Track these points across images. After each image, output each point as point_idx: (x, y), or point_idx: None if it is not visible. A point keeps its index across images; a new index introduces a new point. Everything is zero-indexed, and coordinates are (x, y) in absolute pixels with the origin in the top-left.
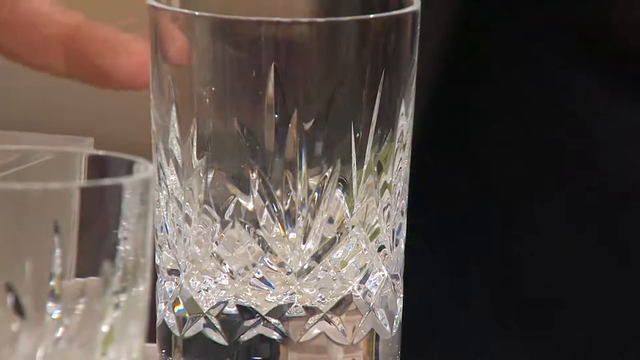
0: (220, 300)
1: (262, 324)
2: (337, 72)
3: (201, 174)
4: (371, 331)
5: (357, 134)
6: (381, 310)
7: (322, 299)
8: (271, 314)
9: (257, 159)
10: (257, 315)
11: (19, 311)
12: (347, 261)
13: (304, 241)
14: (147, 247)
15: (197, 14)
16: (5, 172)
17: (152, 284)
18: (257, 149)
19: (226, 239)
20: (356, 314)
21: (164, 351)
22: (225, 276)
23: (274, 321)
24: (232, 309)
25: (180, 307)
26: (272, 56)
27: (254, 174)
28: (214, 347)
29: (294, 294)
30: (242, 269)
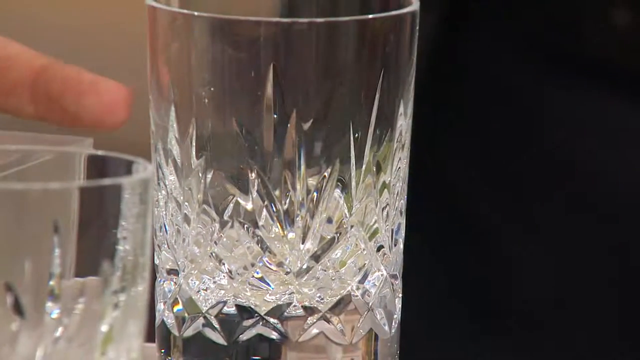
0: (219, 300)
1: (261, 323)
2: (336, 72)
3: (200, 174)
4: (370, 331)
5: (356, 134)
6: (380, 310)
7: (321, 299)
8: (270, 313)
9: (256, 159)
10: (256, 315)
11: (19, 311)
12: (346, 261)
13: (303, 241)
14: (146, 247)
15: (196, 14)
16: (4, 172)
17: (151, 283)
18: (256, 149)
19: (225, 238)
20: (355, 313)
21: (163, 351)
22: (224, 276)
23: (273, 321)
24: (231, 309)
25: (179, 306)
26: (271, 56)
27: (253, 174)
28: (213, 346)
29: (292, 294)
30: (241, 269)
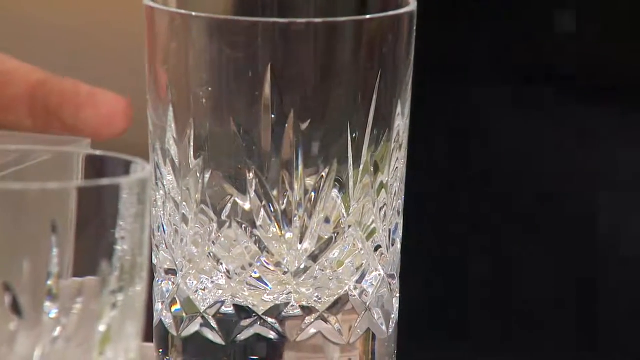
0: (217, 299)
1: (258, 323)
2: (334, 72)
3: (198, 174)
4: (367, 331)
5: (353, 134)
6: (377, 309)
7: (318, 299)
8: (268, 313)
9: (254, 159)
10: (254, 314)
11: (17, 311)
12: (343, 261)
13: (301, 241)
14: (144, 247)
15: (194, 14)
16: (3, 172)
17: (149, 283)
18: (253, 149)
19: (223, 238)
20: (352, 313)
21: (161, 351)
22: (222, 276)
23: (271, 321)
24: (229, 309)
25: (177, 306)
26: (269, 56)
27: (251, 174)
28: (211, 346)
29: (290, 294)
30: (239, 269)
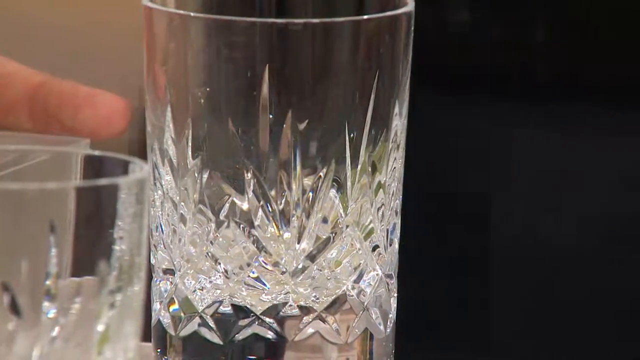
0: (215, 299)
1: (256, 323)
2: (332, 72)
3: (196, 174)
4: (365, 330)
5: (351, 134)
6: (375, 309)
7: (316, 299)
8: (266, 313)
9: (252, 159)
10: (251, 314)
11: (15, 310)
12: (341, 261)
13: (299, 241)
14: (143, 247)
15: (192, 14)
16: (2, 172)
17: (147, 283)
18: (251, 149)
19: (221, 238)
20: (350, 313)
21: (159, 350)
22: (220, 276)
23: (269, 320)
24: (227, 309)
25: (175, 306)
26: (266, 57)
27: (249, 174)
28: (209, 346)
29: (288, 294)
30: (237, 269)
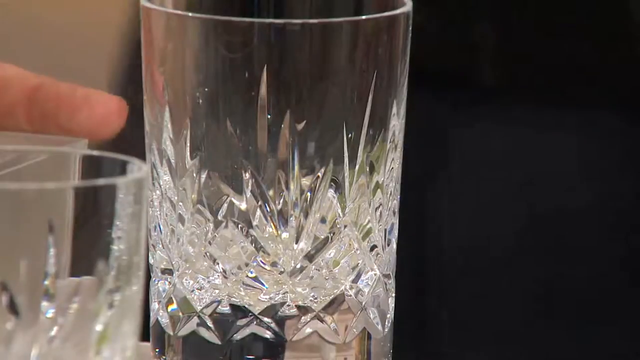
0: (213, 299)
1: (255, 323)
2: (330, 72)
3: (194, 174)
4: (363, 330)
5: (349, 135)
6: (373, 309)
7: (314, 298)
8: (264, 313)
9: (250, 160)
10: (250, 314)
11: (14, 310)
12: (339, 261)
13: (297, 241)
14: (141, 247)
15: (191, 15)
16: (0, 172)
17: (145, 283)
18: (250, 149)
19: (219, 238)
20: (348, 313)
21: (157, 350)
22: (218, 275)
23: (267, 320)
24: (225, 308)
25: (173, 306)
26: (264, 57)
27: (247, 174)
28: (207, 346)
29: (286, 293)
30: (235, 269)
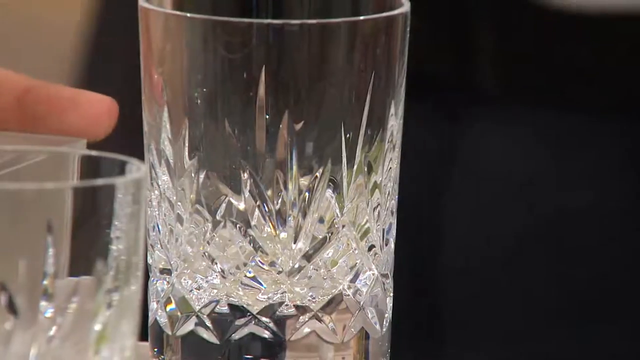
0: (211, 299)
1: (253, 322)
2: (328, 73)
3: (193, 174)
4: (361, 330)
5: (347, 135)
6: (371, 309)
7: (312, 298)
8: (262, 312)
9: (249, 160)
10: (248, 314)
11: (13, 310)
12: (337, 260)
13: (295, 241)
14: (140, 247)
15: (189, 15)
16: None
17: (144, 283)
18: (248, 149)
19: (218, 238)
20: (346, 312)
21: (156, 350)
22: (216, 275)
23: (265, 320)
24: (223, 308)
25: (172, 306)
26: (263, 57)
27: (245, 174)
28: (206, 345)
29: (284, 293)
30: (233, 268)
